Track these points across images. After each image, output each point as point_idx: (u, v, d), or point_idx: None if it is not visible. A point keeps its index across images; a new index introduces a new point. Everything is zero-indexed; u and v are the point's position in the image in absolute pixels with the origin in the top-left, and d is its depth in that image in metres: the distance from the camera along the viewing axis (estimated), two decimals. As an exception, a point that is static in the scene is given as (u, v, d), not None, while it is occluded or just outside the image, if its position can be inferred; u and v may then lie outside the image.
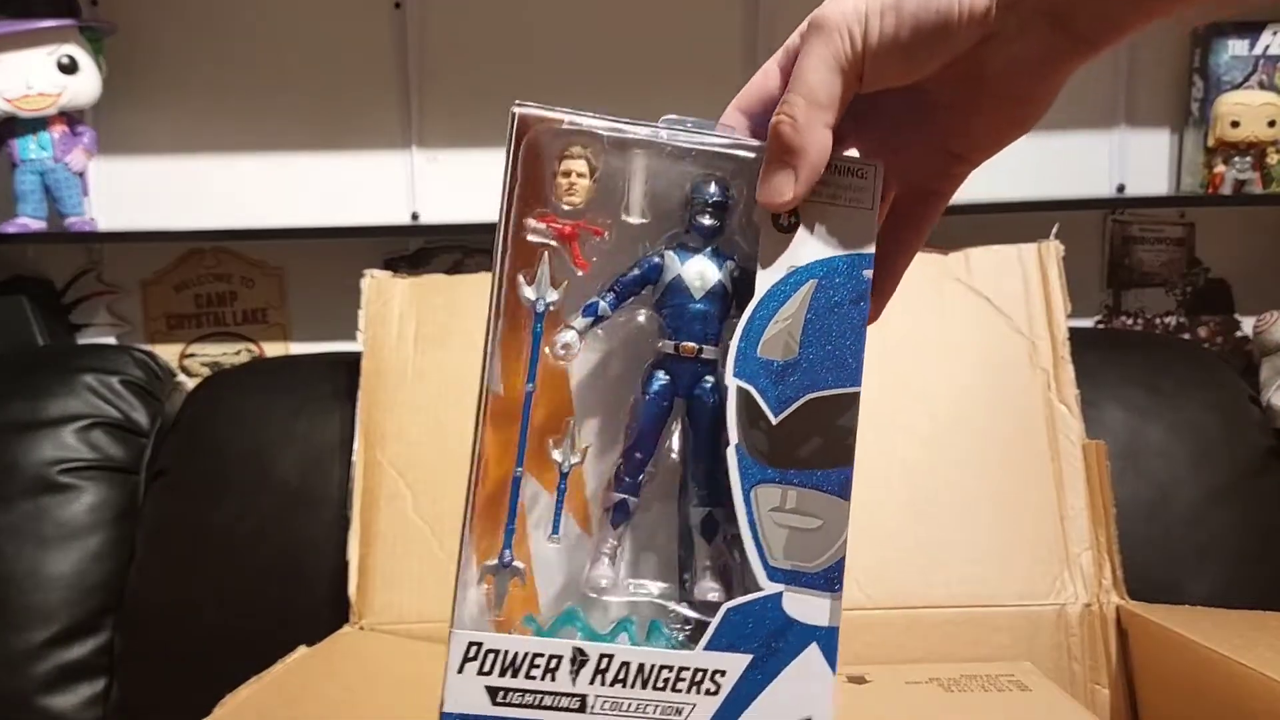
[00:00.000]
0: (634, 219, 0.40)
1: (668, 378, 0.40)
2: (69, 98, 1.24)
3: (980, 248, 1.01)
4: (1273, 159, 1.28)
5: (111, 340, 1.39)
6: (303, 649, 0.86)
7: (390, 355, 1.00)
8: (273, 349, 1.41)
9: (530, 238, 0.40)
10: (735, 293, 0.40)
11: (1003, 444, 0.94)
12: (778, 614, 0.37)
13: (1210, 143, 1.27)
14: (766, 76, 0.41)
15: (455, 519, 1.02)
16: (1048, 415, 0.95)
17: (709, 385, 0.40)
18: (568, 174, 0.40)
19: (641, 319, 0.42)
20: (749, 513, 0.37)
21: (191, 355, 1.41)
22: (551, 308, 0.40)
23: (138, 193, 1.36)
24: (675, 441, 0.41)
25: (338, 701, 0.78)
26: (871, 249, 0.38)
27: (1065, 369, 0.96)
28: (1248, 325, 1.39)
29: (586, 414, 0.42)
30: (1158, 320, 1.41)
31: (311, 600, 1.00)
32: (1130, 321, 1.41)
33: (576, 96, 1.51)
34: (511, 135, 0.40)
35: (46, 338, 1.32)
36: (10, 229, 1.24)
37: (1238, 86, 1.28)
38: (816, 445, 0.37)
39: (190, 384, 1.23)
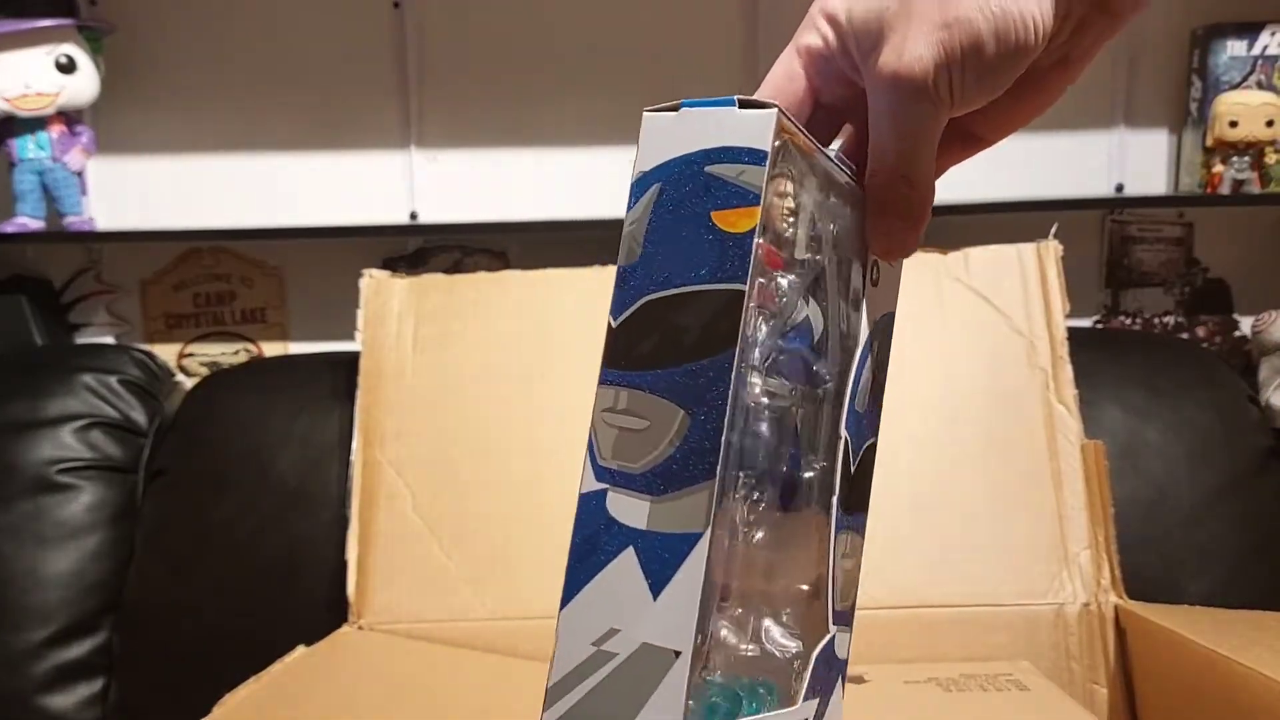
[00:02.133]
0: (801, 255, 0.39)
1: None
2: (67, 97, 1.24)
3: (979, 247, 1.01)
4: (1271, 159, 1.28)
5: (110, 340, 1.39)
6: (301, 649, 0.86)
7: (389, 355, 1.00)
8: (271, 349, 1.41)
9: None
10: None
11: (1001, 443, 0.94)
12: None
13: (1209, 143, 1.28)
14: (792, 80, 0.39)
15: (454, 518, 1.02)
16: (1046, 415, 0.95)
17: None
18: (780, 197, 0.37)
19: None
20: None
21: (190, 355, 1.41)
22: (749, 340, 0.38)
23: (136, 192, 1.36)
24: None
25: (337, 701, 0.78)
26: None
27: (1064, 369, 0.96)
28: (1246, 325, 1.39)
29: None
30: (1156, 320, 1.41)
31: (310, 600, 1.00)
32: (1129, 321, 1.41)
33: (576, 96, 1.51)
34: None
35: (45, 337, 1.32)
36: (9, 228, 1.24)
37: (1236, 86, 1.28)
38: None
39: (189, 384, 1.23)
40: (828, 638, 0.38)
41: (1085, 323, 1.39)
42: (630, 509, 0.35)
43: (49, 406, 1.10)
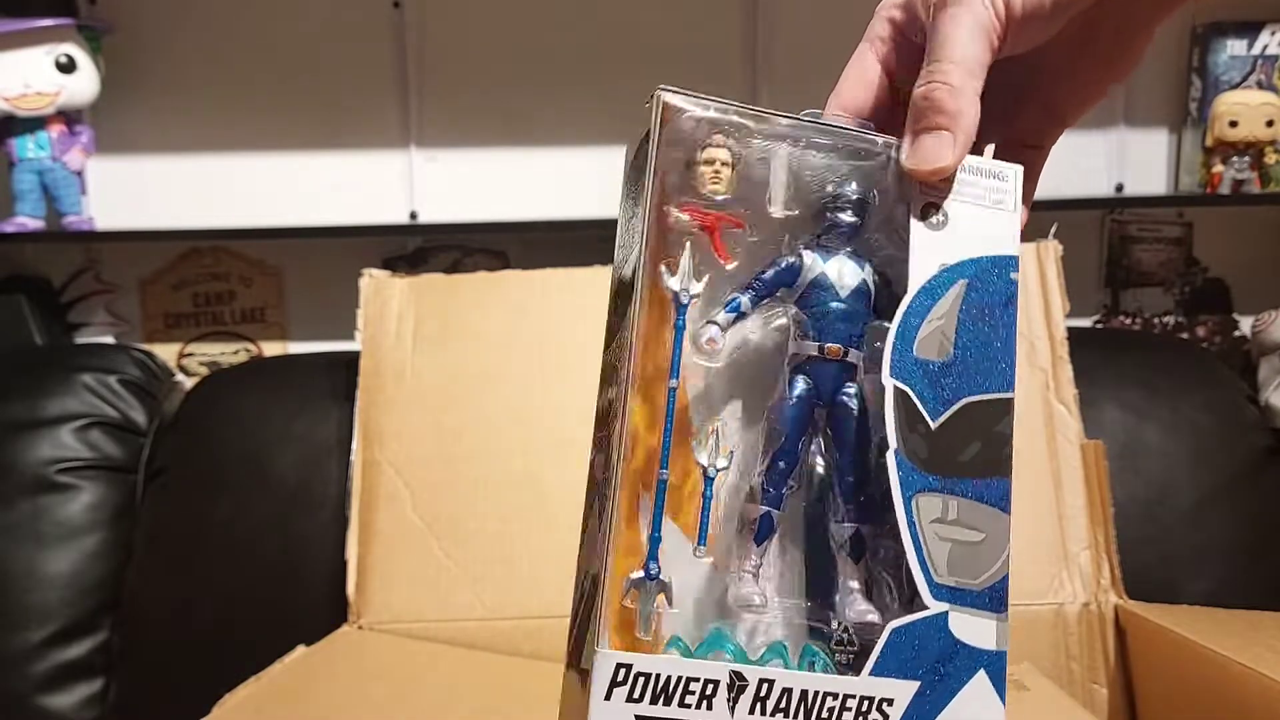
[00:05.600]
0: (778, 211, 0.39)
1: (811, 382, 0.38)
2: (67, 97, 1.24)
3: (979, 247, 1.01)
4: (1271, 159, 1.28)
5: (109, 339, 1.39)
6: (301, 648, 0.86)
7: (389, 354, 1.00)
8: (271, 348, 1.41)
9: (673, 225, 0.38)
10: (877, 296, 0.38)
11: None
12: (945, 636, 0.34)
13: (1208, 142, 1.28)
14: (865, 69, 0.40)
15: (454, 518, 1.01)
16: (1046, 415, 0.95)
17: (853, 391, 0.38)
18: (711, 162, 0.38)
19: (777, 321, 0.40)
20: (911, 524, 0.34)
21: (190, 354, 1.41)
22: (696, 300, 0.38)
23: (136, 192, 1.35)
24: (814, 453, 0.39)
25: (336, 701, 0.78)
26: (1016, 250, 0.37)
27: (1063, 369, 0.96)
28: (1246, 325, 1.39)
29: (716, 418, 0.39)
30: (1156, 320, 1.41)
31: (310, 600, 1.00)
32: (1128, 321, 1.41)
33: (575, 96, 1.51)
34: (656, 121, 0.38)
35: (44, 337, 1.32)
36: (8, 228, 1.24)
37: (1236, 86, 1.28)
38: (975, 452, 0.35)
39: (188, 383, 1.23)
40: (923, 615, 0.35)
41: (1085, 323, 1.39)
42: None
43: (48, 406, 1.10)
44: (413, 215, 1.35)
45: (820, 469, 0.39)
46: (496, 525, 0.94)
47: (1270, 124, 1.25)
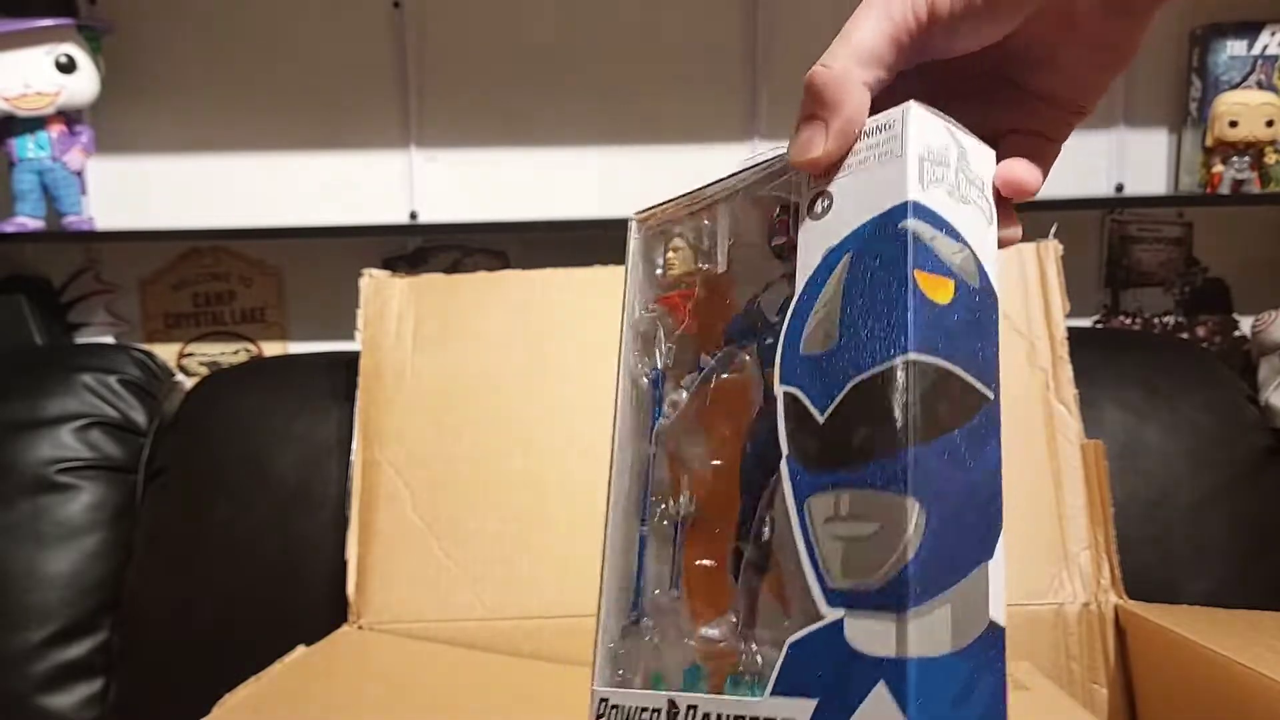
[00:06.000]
0: (720, 268, 0.40)
1: (768, 414, 0.37)
2: (67, 97, 1.24)
3: (979, 247, 1.01)
4: (1271, 159, 1.28)
5: (109, 339, 1.39)
6: (301, 649, 0.86)
7: (389, 354, 1.00)
8: (271, 348, 1.41)
9: (650, 320, 0.41)
10: None
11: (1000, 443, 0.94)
12: (839, 646, 0.30)
13: (1208, 142, 1.28)
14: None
15: (454, 518, 1.01)
16: (1046, 415, 0.95)
17: None
18: (666, 253, 0.42)
19: (741, 360, 0.40)
20: (804, 531, 0.32)
21: (190, 354, 1.41)
22: (665, 371, 0.41)
23: (136, 192, 1.35)
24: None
25: (336, 701, 0.77)
26: (906, 195, 0.32)
27: (1063, 368, 0.96)
28: (1246, 325, 1.39)
29: (686, 470, 0.41)
30: (1156, 320, 1.41)
31: (310, 600, 1.00)
32: (1128, 321, 1.41)
33: (575, 96, 1.51)
34: (629, 237, 0.42)
35: (44, 337, 1.32)
36: (8, 228, 1.24)
37: (1236, 86, 1.28)
38: (864, 436, 0.31)
39: (188, 383, 1.23)
40: (818, 625, 0.32)
41: (1085, 323, 1.39)
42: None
43: (48, 406, 1.10)
44: (413, 215, 1.35)
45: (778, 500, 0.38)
46: (496, 525, 0.94)
47: (1270, 124, 1.25)
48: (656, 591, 0.39)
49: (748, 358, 0.38)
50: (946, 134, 0.34)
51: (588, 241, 1.03)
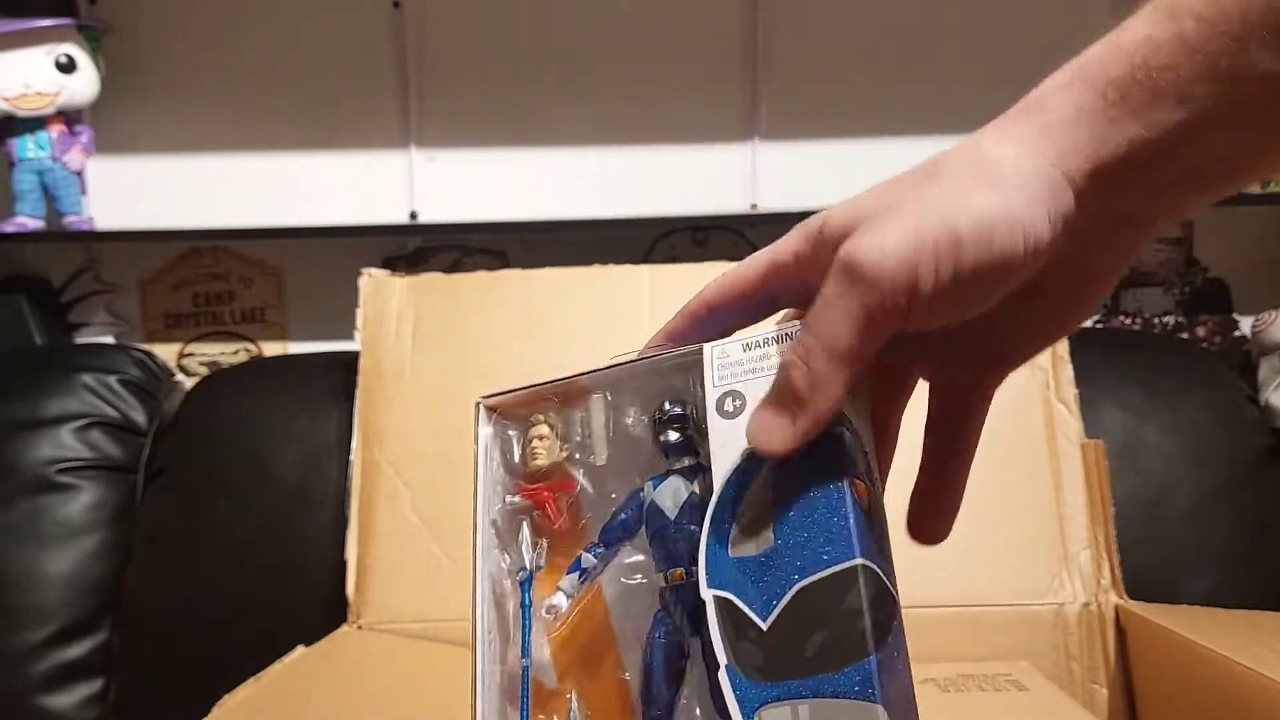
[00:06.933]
0: (600, 460, 0.38)
1: (671, 614, 0.35)
2: (67, 97, 1.24)
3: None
4: (1271, 159, 1.27)
5: (109, 339, 1.39)
6: (301, 648, 0.86)
7: (388, 354, 1.00)
8: (271, 348, 1.41)
9: (512, 512, 0.38)
10: (703, 505, 0.35)
11: (1001, 443, 0.94)
12: None
13: (1208, 142, 1.27)
14: (743, 277, 0.36)
15: (453, 518, 1.01)
16: (1046, 415, 0.95)
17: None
18: (530, 441, 0.38)
19: (632, 559, 0.38)
20: None
21: (190, 354, 1.41)
22: (538, 570, 0.37)
23: (135, 192, 1.35)
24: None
25: (336, 701, 0.77)
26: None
27: (1064, 368, 0.96)
28: (1246, 325, 1.39)
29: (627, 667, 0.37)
30: (1156, 320, 1.41)
31: (310, 600, 1.00)
32: (1128, 321, 1.41)
33: (575, 96, 1.51)
34: (477, 425, 0.38)
35: (44, 337, 1.32)
36: (8, 228, 1.24)
37: (1236, 86, 1.28)
38: (821, 641, 0.29)
39: (188, 383, 1.23)
40: None
41: (1085, 322, 1.39)
42: None
43: (48, 406, 1.10)
44: (413, 215, 1.35)
45: (698, 710, 0.35)
46: (496, 525, 0.94)
47: (1270, 124, 1.25)
48: None
49: (640, 557, 0.37)
50: None
51: (588, 241, 1.03)
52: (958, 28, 1.33)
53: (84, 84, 1.24)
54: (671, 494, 0.36)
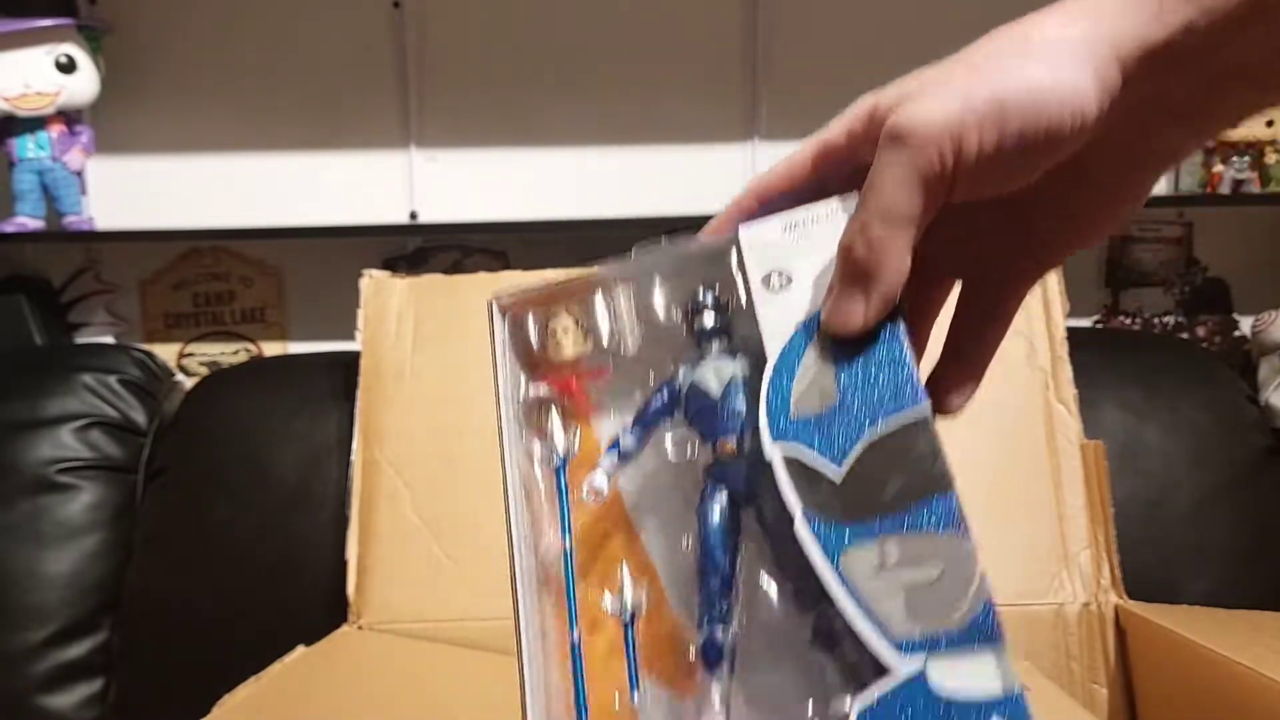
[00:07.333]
0: (632, 351, 0.38)
1: (723, 485, 0.35)
2: (67, 97, 1.24)
3: (979, 247, 1.01)
4: (1271, 158, 1.28)
5: (109, 339, 1.39)
6: (301, 648, 0.86)
7: (389, 354, 1.00)
8: (271, 348, 1.41)
9: (536, 400, 0.38)
10: (752, 382, 0.35)
11: (1001, 443, 0.94)
12: (927, 697, 0.28)
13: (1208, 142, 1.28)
14: (792, 165, 0.37)
15: (453, 518, 1.01)
16: (1046, 415, 0.95)
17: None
18: (553, 333, 0.38)
19: (674, 436, 0.38)
20: (847, 587, 0.30)
21: (190, 354, 1.41)
22: (571, 456, 0.37)
23: (135, 192, 1.36)
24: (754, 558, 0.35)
25: (336, 701, 0.77)
26: None
27: (1063, 369, 0.96)
28: (1246, 325, 1.39)
29: (652, 548, 0.37)
30: (1156, 320, 1.41)
31: (310, 600, 1.00)
32: (1128, 321, 1.41)
33: (575, 96, 1.51)
34: (492, 325, 0.38)
35: (44, 337, 1.32)
36: (8, 228, 1.24)
37: (1236, 86, 1.28)
38: (898, 485, 0.30)
39: (188, 383, 1.23)
40: (892, 683, 0.30)
41: (1085, 323, 1.39)
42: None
43: (48, 406, 1.10)
44: (413, 215, 1.35)
45: (764, 573, 0.35)
46: (496, 525, 0.93)
47: (1270, 124, 1.25)
48: (617, 709, 0.35)
49: (681, 432, 0.37)
50: None
51: (588, 242, 1.03)
52: (958, 28, 1.33)
53: (84, 84, 1.24)
54: (715, 373, 0.36)
